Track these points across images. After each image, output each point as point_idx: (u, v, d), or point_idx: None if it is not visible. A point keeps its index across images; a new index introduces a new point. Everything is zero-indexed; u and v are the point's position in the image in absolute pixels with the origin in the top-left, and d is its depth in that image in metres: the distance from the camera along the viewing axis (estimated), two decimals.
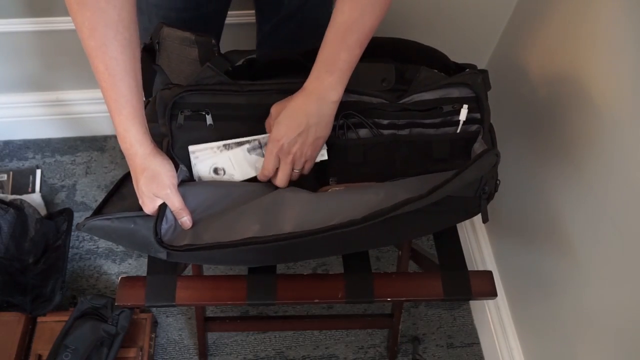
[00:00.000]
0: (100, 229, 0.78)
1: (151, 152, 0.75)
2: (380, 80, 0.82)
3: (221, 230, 0.76)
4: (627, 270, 0.83)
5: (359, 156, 0.83)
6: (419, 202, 0.70)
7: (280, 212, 0.76)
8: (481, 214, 0.82)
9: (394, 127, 0.83)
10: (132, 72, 0.71)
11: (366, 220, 0.70)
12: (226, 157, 0.81)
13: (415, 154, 0.84)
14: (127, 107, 0.71)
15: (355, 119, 0.83)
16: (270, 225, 0.75)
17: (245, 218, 0.76)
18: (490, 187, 0.80)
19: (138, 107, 0.73)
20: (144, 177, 0.75)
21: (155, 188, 0.76)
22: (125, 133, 0.73)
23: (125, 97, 0.71)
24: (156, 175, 0.75)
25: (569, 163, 0.96)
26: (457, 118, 0.83)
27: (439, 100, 0.82)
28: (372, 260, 1.41)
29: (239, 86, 0.80)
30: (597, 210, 0.89)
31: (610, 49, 0.84)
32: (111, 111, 0.72)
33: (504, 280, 1.26)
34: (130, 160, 0.76)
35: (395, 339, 1.28)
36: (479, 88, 0.82)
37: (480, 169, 0.73)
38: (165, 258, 0.79)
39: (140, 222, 0.77)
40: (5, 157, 1.56)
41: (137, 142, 0.74)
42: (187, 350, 1.31)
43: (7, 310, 1.22)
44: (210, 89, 0.79)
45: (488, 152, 0.72)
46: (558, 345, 1.03)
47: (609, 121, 0.85)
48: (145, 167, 0.75)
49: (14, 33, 1.30)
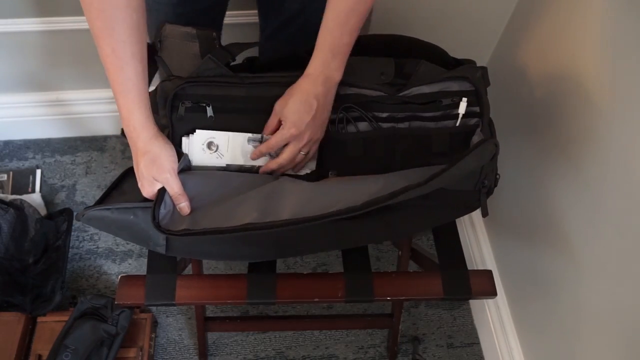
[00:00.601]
0: (99, 220, 0.78)
1: (154, 136, 0.75)
2: (379, 74, 0.82)
3: (219, 217, 0.76)
4: (627, 269, 0.83)
5: (358, 149, 0.83)
6: (418, 189, 0.70)
7: (279, 200, 0.76)
8: (481, 208, 0.82)
9: (393, 121, 0.83)
10: (139, 55, 0.71)
11: (365, 206, 0.70)
12: (225, 137, 0.81)
13: (415, 147, 0.84)
14: (133, 91, 0.72)
15: (355, 113, 0.83)
16: (268, 212, 0.74)
17: (243, 206, 0.76)
18: (489, 181, 0.80)
19: (143, 90, 0.73)
20: (144, 159, 0.75)
21: (155, 171, 0.76)
22: (129, 116, 0.73)
23: (132, 80, 0.71)
24: (157, 158, 0.75)
25: (568, 162, 0.96)
26: (456, 111, 0.83)
27: (438, 94, 0.82)
28: (372, 260, 1.41)
29: (240, 78, 0.80)
30: (596, 208, 0.89)
31: (609, 48, 0.84)
32: (116, 94, 0.72)
33: (503, 280, 1.26)
34: (132, 143, 0.76)
35: (395, 339, 1.27)
36: (478, 82, 0.82)
37: (479, 157, 0.73)
38: (164, 252, 0.79)
39: (140, 213, 0.77)
40: (5, 157, 1.56)
41: (140, 126, 0.74)
42: (187, 350, 1.31)
43: (7, 310, 1.22)
44: (211, 80, 0.80)
45: (487, 141, 0.73)
46: (558, 344, 1.03)
47: (607, 120, 0.85)
48: (146, 150, 0.75)
49: (14, 33, 1.30)
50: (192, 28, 0.83)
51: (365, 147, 0.83)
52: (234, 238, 0.76)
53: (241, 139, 0.81)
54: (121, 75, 0.71)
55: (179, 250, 0.80)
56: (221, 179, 0.81)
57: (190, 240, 0.79)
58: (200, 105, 0.80)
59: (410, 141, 0.83)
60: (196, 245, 0.80)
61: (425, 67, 0.82)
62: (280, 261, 1.42)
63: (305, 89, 0.76)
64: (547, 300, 1.06)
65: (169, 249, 0.79)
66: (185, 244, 0.80)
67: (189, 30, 0.83)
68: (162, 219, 0.76)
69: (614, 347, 0.88)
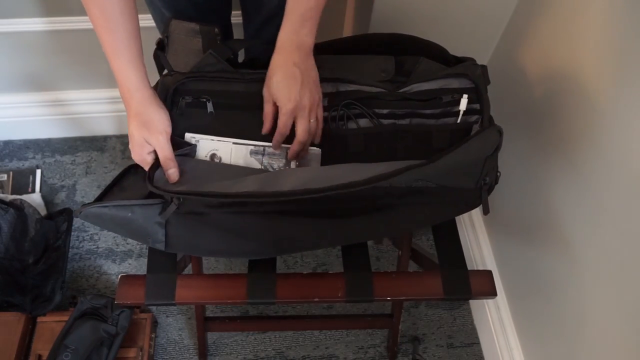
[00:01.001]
0: (97, 217, 0.78)
1: (148, 98, 0.75)
2: (379, 71, 0.82)
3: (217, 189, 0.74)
4: (627, 269, 0.83)
5: (359, 145, 0.83)
6: (422, 168, 0.70)
7: (280, 178, 0.75)
8: (482, 205, 0.82)
9: (394, 117, 0.83)
10: (129, 16, 0.70)
11: (368, 182, 0.70)
12: (228, 148, 0.81)
13: (416, 143, 0.83)
14: (126, 53, 0.71)
15: (356, 110, 0.83)
16: (269, 187, 0.73)
17: (243, 183, 0.75)
18: (490, 178, 0.80)
19: (136, 52, 0.72)
20: (136, 121, 0.74)
21: (146, 133, 0.75)
22: (123, 78, 0.73)
23: (123, 42, 0.70)
24: (150, 120, 0.75)
25: (568, 161, 0.96)
26: (456, 109, 0.82)
27: (438, 91, 0.82)
28: (372, 260, 1.41)
29: (240, 74, 0.80)
30: (596, 208, 0.89)
31: (610, 48, 0.84)
32: (109, 56, 0.71)
33: (503, 280, 1.26)
34: (127, 104, 0.75)
35: (395, 339, 1.27)
36: (479, 79, 0.82)
37: (483, 142, 0.74)
38: (163, 249, 0.79)
39: (138, 210, 0.77)
40: (5, 157, 1.56)
41: (134, 87, 0.74)
42: (187, 350, 1.31)
43: (7, 310, 1.23)
44: (211, 76, 0.79)
45: (491, 126, 0.74)
46: (558, 344, 1.03)
47: (608, 119, 0.85)
48: (139, 112, 0.74)
49: (14, 33, 1.30)
50: (195, 24, 0.84)
51: (366, 143, 0.83)
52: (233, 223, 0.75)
53: (244, 151, 0.81)
54: (111, 37, 0.70)
55: (179, 246, 0.80)
56: (220, 166, 0.81)
57: (189, 229, 0.78)
58: (201, 101, 0.80)
59: (411, 137, 0.83)
60: (196, 239, 0.79)
61: (426, 64, 0.82)
62: (280, 261, 1.42)
63: (282, 63, 0.75)
64: (547, 301, 1.06)
65: (168, 245, 0.79)
66: (185, 239, 0.79)
67: (192, 26, 0.84)
68: (157, 182, 0.76)
69: (614, 346, 0.88)
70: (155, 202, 0.77)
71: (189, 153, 0.80)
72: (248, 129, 0.81)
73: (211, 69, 0.79)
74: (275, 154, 0.82)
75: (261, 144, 0.81)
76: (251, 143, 0.82)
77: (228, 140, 0.81)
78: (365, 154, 0.83)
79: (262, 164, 0.82)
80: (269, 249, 0.83)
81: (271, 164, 0.82)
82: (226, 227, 0.78)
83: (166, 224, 0.78)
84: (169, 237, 0.79)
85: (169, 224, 0.78)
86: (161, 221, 0.78)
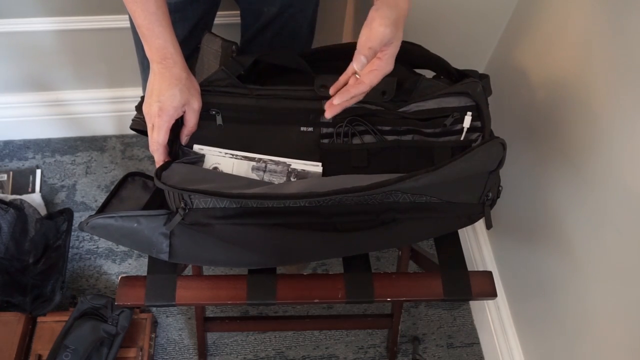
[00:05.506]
0: (103, 228, 0.78)
1: (187, 68, 0.78)
2: (381, 93, 0.83)
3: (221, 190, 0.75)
4: (627, 270, 0.83)
5: (362, 160, 0.85)
6: (428, 175, 0.70)
7: (285, 188, 0.76)
8: (485, 220, 0.83)
9: (397, 134, 0.85)
10: None
11: (372, 187, 0.70)
12: (230, 163, 0.83)
13: (419, 158, 0.85)
14: (163, 21, 0.73)
15: (360, 127, 0.84)
16: (274, 191, 0.73)
17: (249, 188, 0.75)
18: (493, 193, 0.81)
19: (168, 20, 0.75)
20: (181, 85, 0.76)
21: (188, 96, 0.77)
22: (165, 44, 0.75)
23: (155, 14, 0.73)
24: (193, 87, 0.78)
25: (568, 164, 0.96)
26: (457, 127, 0.84)
27: (438, 110, 0.83)
28: (372, 260, 1.41)
29: (249, 90, 0.82)
30: (596, 210, 0.89)
31: (608, 52, 0.84)
32: (147, 24, 0.73)
33: (504, 281, 1.26)
34: (166, 70, 0.76)
35: (395, 339, 1.28)
36: (479, 96, 0.82)
37: (487, 153, 0.74)
38: (167, 259, 0.79)
39: (144, 221, 0.77)
40: (5, 157, 1.56)
41: (177, 53, 0.76)
42: (187, 350, 1.31)
43: (7, 310, 1.23)
44: (221, 90, 0.82)
45: (494, 138, 0.74)
46: (558, 345, 1.03)
47: (607, 123, 0.85)
48: (182, 77, 0.76)
49: (14, 33, 1.30)
50: (221, 39, 0.87)
51: (369, 158, 0.84)
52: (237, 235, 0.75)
53: (245, 167, 0.83)
54: (152, 4, 0.72)
55: (182, 257, 0.80)
56: (227, 176, 0.82)
57: (193, 240, 0.78)
58: (210, 113, 0.82)
59: (414, 153, 0.84)
60: (199, 250, 0.79)
61: (426, 82, 0.83)
62: None
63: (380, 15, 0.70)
64: (547, 301, 1.06)
65: (172, 256, 0.79)
66: (189, 249, 0.80)
67: (217, 40, 0.88)
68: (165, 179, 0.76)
69: (614, 346, 0.88)
70: (161, 212, 0.77)
71: (197, 162, 0.82)
72: (256, 142, 0.83)
73: (222, 84, 0.82)
74: (277, 171, 0.83)
75: (261, 157, 0.83)
76: (251, 155, 0.83)
77: (231, 155, 0.83)
78: (369, 169, 0.85)
79: (262, 180, 0.83)
80: (272, 260, 0.84)
81: (272, 180, 0.83)
82: (230, 239, 0.79)
83: (170, 235, 0.78)
84: (172, 248, 0.79)
85: (173, 235, 0.78)
86: (166, 232, 0.78)
